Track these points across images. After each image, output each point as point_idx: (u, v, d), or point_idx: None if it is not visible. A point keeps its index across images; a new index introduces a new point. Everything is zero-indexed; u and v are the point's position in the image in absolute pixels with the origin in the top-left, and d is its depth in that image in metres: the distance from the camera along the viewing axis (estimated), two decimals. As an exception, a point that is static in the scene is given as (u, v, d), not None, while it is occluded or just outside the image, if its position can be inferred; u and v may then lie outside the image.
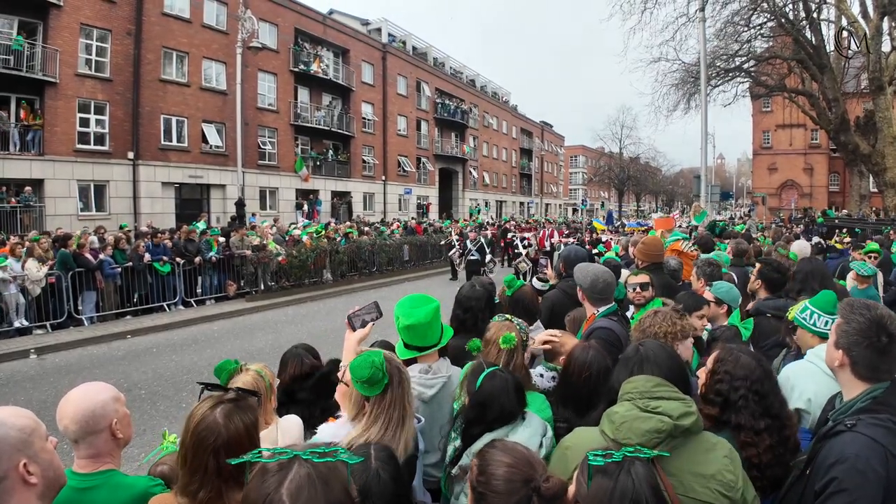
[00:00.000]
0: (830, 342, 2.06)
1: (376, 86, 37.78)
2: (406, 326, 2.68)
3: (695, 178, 22.38)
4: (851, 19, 21.15)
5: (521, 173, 62.88)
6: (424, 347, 2.72)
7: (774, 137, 48.80)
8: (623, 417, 1.82)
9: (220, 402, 1.71)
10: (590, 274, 3.64)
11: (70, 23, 20.13)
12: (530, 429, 2.29)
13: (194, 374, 8.87)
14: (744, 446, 2.09)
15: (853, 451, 1.74)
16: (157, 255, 13.64)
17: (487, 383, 2.32)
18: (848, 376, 2.00)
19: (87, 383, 1.98)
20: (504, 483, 1.49)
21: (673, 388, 1.94)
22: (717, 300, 3.90)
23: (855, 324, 1.96)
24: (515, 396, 2.31)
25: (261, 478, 1.20)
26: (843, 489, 1.70)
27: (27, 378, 8.84)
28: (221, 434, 1.63)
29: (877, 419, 1.81)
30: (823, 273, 4.16)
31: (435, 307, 2.74)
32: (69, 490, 1.79)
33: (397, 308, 2.75)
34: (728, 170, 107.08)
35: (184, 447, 1.66)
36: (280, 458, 1.22)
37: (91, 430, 1.86)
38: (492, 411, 2.28)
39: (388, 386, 2.14)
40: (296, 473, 1.17)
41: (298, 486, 1.15)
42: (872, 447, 1.73)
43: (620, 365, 2.28)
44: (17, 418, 1.49)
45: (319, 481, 1.16)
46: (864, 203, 28.79)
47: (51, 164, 19.90)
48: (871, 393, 1.93)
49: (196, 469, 1.62)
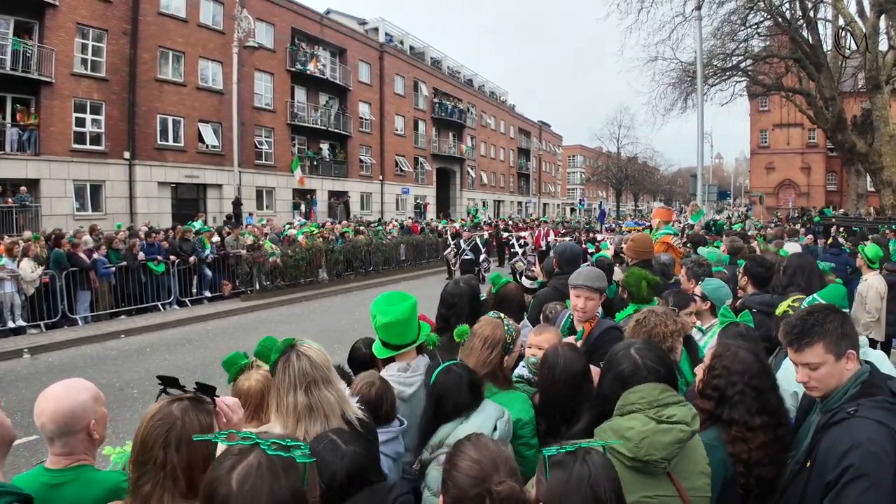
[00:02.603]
0: (828, 369, 1.96)
1: (373, 85, 37.73)
2: (384, 324, 2.66)
3: (692, 177, 22.40)
4: (848, 18, 21.14)
5: (518, 173, 62.88)
6: (402, 345, 2.70)
7: (772, 137, 48.84)
8: (642, 433, 1.77)
9: (177, 399, 1.68)
10: (581, 274, 3.59)
11: (66, 22, 20.05)
12: (482, 415, 2.29)
13: (187, 374, 8.84)
14: (733, 441, 2.08)
15: (864, 435, 1.76)
16: (152, 254, 13.61)
17: (441, 378, 2.35)
18: (853, 368, 1.97)
19: (67, 380, 1.94)
20: (463, 477, 1.49)
21: (674, 392, 1.93)
22: (702, 296, 3.88)
23: (833, 323, 1.95)
24: (469, 392, 2.32)
25: (221, 459, 1.24)
26: (862, 474, 1.71)
27: (20, 377, 8.82)
28: (175, 427, 1.57)
29: (876, 402, 1.84)
30: (812, 268, 4.15)
31: (412, 304, 2.72)
32: (41, 486, 1.78)
33: (374, 306, 2.73)
34: (726, 169, 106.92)
35: (136, 441, 1.61)
36: (242, 444, 1.25)
37: (68, 431, 1.84)
38: (445, 405, 2.29)
39: (274, 364, 2.08)
40: (249, 461, 1.21)
41: (247, 474, 1.18)
42: (880, 430, 1.76)
43: (613, 376, 2.17)
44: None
45: (269, 473, 1.19)
46: (861, 202, 28.81)
47: (46, 164, 19.83)
48: (858, 378, 1.93)
49: (145, 461, 1.56)
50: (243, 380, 2.39)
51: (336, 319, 12.95)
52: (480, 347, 2.67)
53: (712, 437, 2.12)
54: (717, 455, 2.06)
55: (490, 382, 2.67)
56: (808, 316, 1.98)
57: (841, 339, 1.92)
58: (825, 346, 1.93)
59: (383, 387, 2.45)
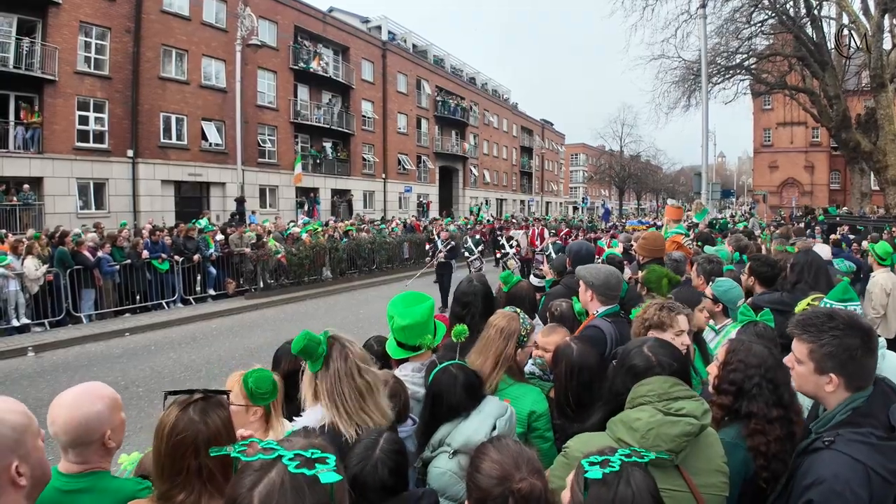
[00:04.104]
0: (807, 370, 1.84)
1: (376, 83, 37.71)
2: (402, 327, 2.63)
3: (695, 175, 22.36)
4: (852, 16, 21.06)
5: (521, 171, 62.78)
6: (419, 347, 2.67)
7: (775, 135, 48.70)
8: (649, 424, 1.76)
9: (189, 403, 1.66)
10: (602, 272, 3.52)
11: (69, 20, 20.06)
12: (481, 414, 2.28)
13: (192, 372, 8.85)
14: (753, 434, 2.07)
15: (831, 472, 1.63)
16: (156, 252, 13.60)
17: (438, 378, 2.36)
18: (839, 395, 1.80)
19: (84, 385, 1.87)
20: (485, 478, 1.49)
21: (685, 386, 1.91)
22: (713, 298, 3.84)
23: (835, 342, 1.76)
24: (464, 392, 2.31)
25: (241, 475, 1.18)
26: None
27: (24, 376, 8.83)
28: (202, 431, 1.57)
29: (857, 434, 1.68)
30: (819, 265, 4.12)
31: (430, 305, 2.70)
32: (54, 491, 1.71)
33: (391, 307, 2.70)
34: (729, 168, 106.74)
35: (159, 455, 1.59)
36: (263, 458, 1.19)
37: (82, 442, 1.78)
38: (440, 405, 2.31)
39: (327, 358, 2.11)
40: (271, 478, 1.15)
41: (269, 492, 1.13)
42: (852, 466, 1.62)
43: (626, 371, 2.15)
44: (11, 414, 1.41)
45: (293, 491, 1.13)
46: (865, 201, 28.69)
47: (50, 162, 19.85)
48: (850, 404, 1.77)
49: (176, 473, 1.56)
50: None
51: (340, 317, 12.95)
52: (497, 338, 2.69)
53: (733, 436, 2.10)
54: (739, 454, 2.04)
55: (506, 374, 2.68)
56: (823, 316, 1.84)
57: (828, 358, 1.77)
58: (810, 352, 1.81)
59: (397, 386, 2.44)
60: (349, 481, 1.73)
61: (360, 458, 1.82)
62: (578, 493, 1.38)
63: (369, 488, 1.77)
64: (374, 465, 1.79)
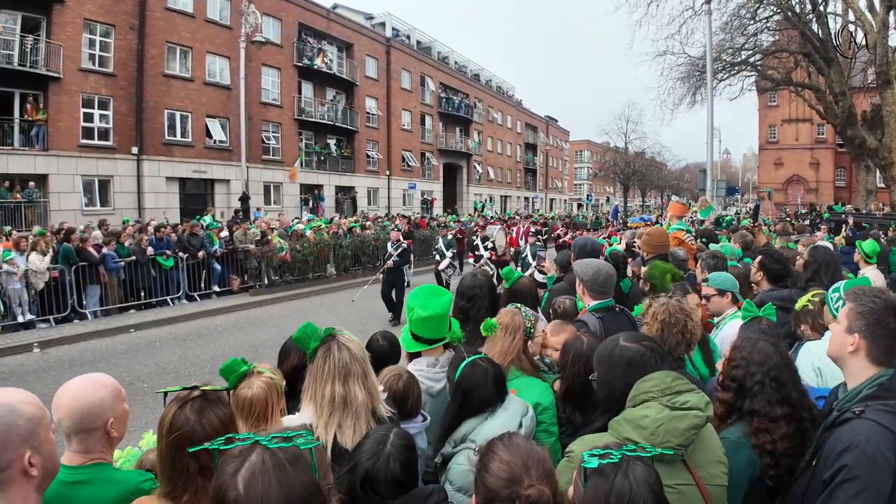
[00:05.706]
0: (840, 328, 1.96)
1: (380, 80, 37.69)
2: (422, 318, 2.63)
3: (700, 172, 22.31)
4: (858, 13, 20.93)
5: (525, 168, 62.67)
6: (435, 340, 2.67)
7: (780, 132, 48.51)
8: (657, 420, 1.75)
9: (186, 400, 1.66)
10: (591, 267, 3.55)
11: (73, 18, 20.11)
12: (507, 412, 2.28)
13: (197, 368, 8.88)
14: (757, 432, 2.07)
15: (862, 437, 1.71)
16: (161, 248, 13.64)
17: (468, 372, 2.33)
18: (860, 362, 1.91)
19: (88, 375, 1.89)
20: (493, 478, 1.46)
21: (685, 379, 1.91)
22: (718, 291, 3.82)
23: (872, 305, 1.90)
24: (494, 386, 2.31)
25: (223, 464, 1.20)
26: (854, 476, 1.67)
27: (30, 371, 8.88)
28: (197, 431, 1.57)
29: (885, 405, 1.78)
30: (836, 264, 4.10)
31: (449, 299, 2.72)
32: (57, 483, 1.69)
33: (411, 299, 2.70)
34: (734, 165, 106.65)
35: (161, 454, 1.60)
36: (242, 444, 1.21)
37: (85, 428, 1.79)
38: (471, 400, 2.29)
39: (313, 355, 2.07)
40: (252, 460, 1.16)
41: (252, 474, 1.14)
42: (882, 433, 1.70)
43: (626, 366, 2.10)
44: (27, 406, 1.43)
45: (275, 468, 1.15)
46: (870, 198, 28.58)
47: (55, 160, 19.92)
48: (877, 379, 1.87)
49: (178, 473, 1.57)
50: (244, 388, 2.23)
51: (345, 314, 12.95)
52: (502, 336, 2.70)
53: (738, 434, 2.10)
54: (744, 453, 2.04)
55: (514, 367, 2.70)
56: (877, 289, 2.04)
57: (859, 316, 1.90)
58: (848, 310, 1.95)
59: (410, 381, 2.44)
60: (360, 476, 1.74)
61: (371, 452, 1.81)
62: (580, 486, 1.38)
63: (381, 482, 1.76)
64: (385, 460, 1.78)
